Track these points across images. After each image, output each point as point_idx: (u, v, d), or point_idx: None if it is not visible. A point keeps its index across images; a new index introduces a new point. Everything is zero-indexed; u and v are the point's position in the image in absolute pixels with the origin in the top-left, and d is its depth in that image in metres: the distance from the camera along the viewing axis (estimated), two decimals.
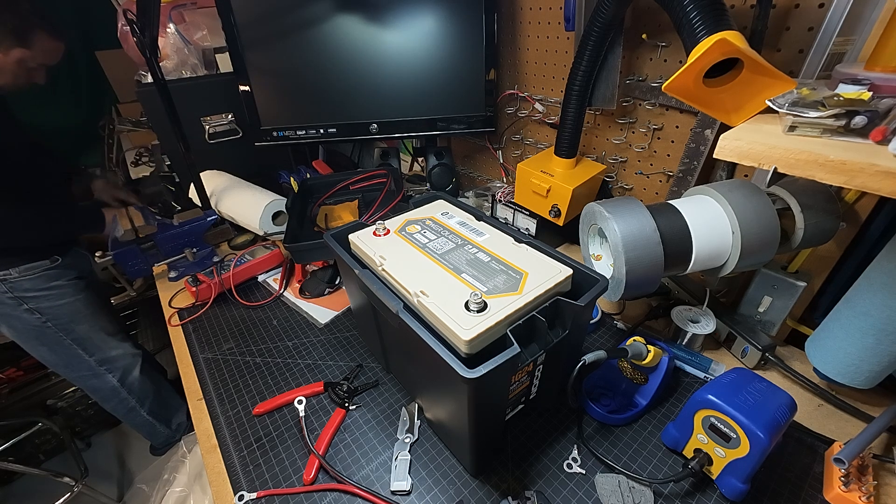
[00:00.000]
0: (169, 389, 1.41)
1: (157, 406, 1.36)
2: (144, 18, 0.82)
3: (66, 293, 1.09)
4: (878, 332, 0.51)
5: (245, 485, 0.56)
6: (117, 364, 1.23)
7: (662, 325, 0.77)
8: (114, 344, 1.22)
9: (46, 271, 1.05)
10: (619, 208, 0.55)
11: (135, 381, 1.27)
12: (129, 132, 2.11)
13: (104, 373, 1.21)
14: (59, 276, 1.08)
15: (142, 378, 1.28)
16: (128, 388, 1.27)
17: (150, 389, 1.32)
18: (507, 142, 1.13)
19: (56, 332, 1.10)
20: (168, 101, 0.92)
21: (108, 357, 1.21)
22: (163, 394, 1.38)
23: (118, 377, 1.24)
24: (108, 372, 1.22)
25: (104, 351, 1.20)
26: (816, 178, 0.38)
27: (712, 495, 0.52)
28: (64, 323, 1.10)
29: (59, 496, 1.34)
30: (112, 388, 1.24)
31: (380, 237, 0.61)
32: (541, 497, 0.52)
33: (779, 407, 0.47)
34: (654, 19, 0.71)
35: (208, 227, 0.98)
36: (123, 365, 1.24)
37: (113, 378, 1.23)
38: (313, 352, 0.77)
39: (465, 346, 0.43)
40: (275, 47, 0.99)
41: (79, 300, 1.12)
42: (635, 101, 0.80)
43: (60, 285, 1.08)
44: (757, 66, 0.45)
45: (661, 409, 0.63)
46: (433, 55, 0.97)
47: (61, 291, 1.08)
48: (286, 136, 1.08)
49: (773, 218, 0.53)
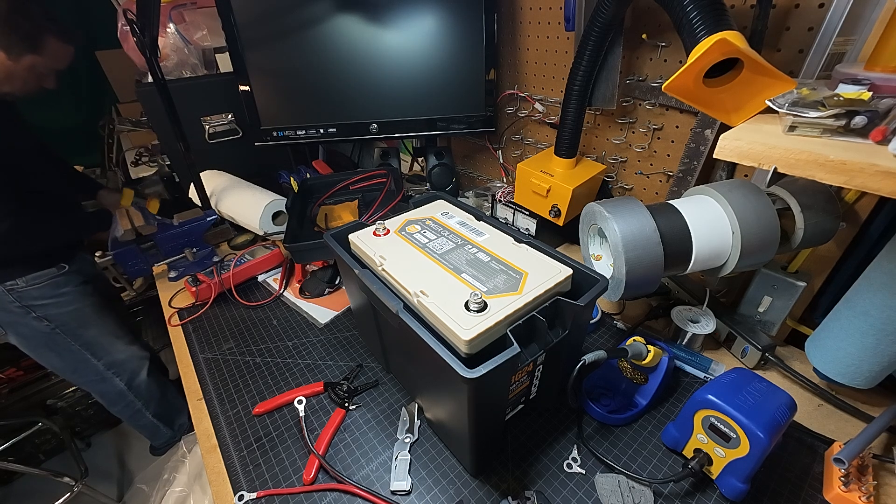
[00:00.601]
0: (173, 391, 1.41)
1: (161, 408, 1.36)
2: (144, 18, 0.82)
3: (74, 299, 1.09)
4: (878, 332, 0.51)
5: (245, 485, 0.56)
6: (125, 367, 1.23)
7: (662, 325, 0.77)
8: (121, 347, 1.22)
9: (54, 279, 1.04)
10: (619, 208, 0.55)
11: (142, 384, 1.27)
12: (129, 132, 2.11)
13: (112, 376, 1.21)
14: (67, 282, 1.07)
15: (148, 381, 1.29)
16: (135, 391, 1.27)
17: (155, 392, 1.32)
18: (507, 142, 1.13)
19: (65, 338, 1.10)
20: (168, 101, 0.92)
21: (116, 360, 1.21)
22: (168, 395, 1.38)
23: (125, 380, 1.24)
24: (116, 375, 1.22)
25: (112, 354, 1.20)
26: (816, 178, 0.38)
27: (712, 495, 0.52)
28: (73, 329, 1.10)
29: (59, 496, 1.34)
30: (119, 391, 1.24)
31: (380, 237, 0.61)
32: (541, 497, 0.52)
33: (779, 407, 0.47)
34: (654, 19, 0.71)
35: (208, 227, 0.98)
36: (131, 368, 1.24)
37: (120, 382, 1.23)
38: (313, 352, 0.77)
39: (465, 346, 0.43)
40: (275, 47, 0.99)
41: (86, 305, 1.12)
42: (635, 101, 0.80)
43: (68, 292, 1.08)
44: (757, 66, 0.45)
45: (661, 409, 0.63)
46: (433, 55, 0.97)
47: (69, 298, 1.08)
48: (286, 136, 1.08)
49: (773, 218, 0.53)
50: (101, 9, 1.92)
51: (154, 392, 1.32)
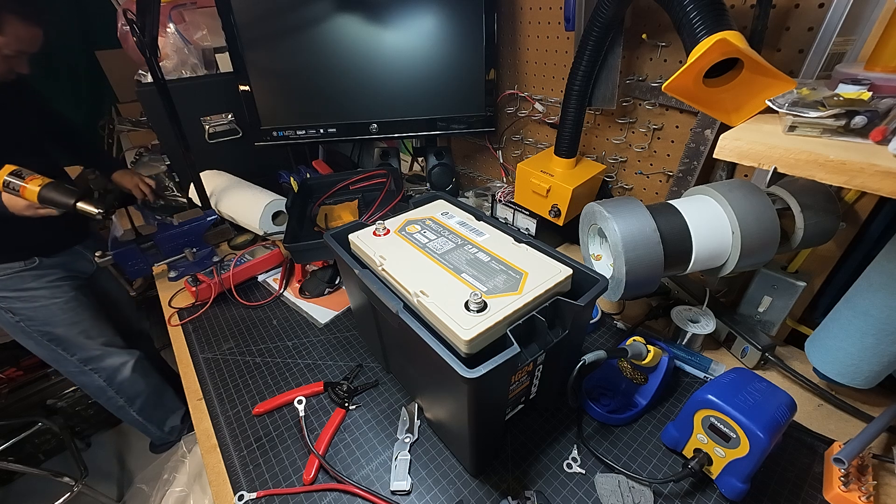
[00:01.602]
0: (168, 391, 1.39)
1: (148, 407, 1.34)
2: (144, 18, 0.82)
3: (41, 296, 1.07)
4: (877, 332, 0.51)
5: (245, 485, 0.56)
6: (102, 365, 1.21)
7: (662, 325, 0.77)
8: (94, 346, 1.19)
9: (19, 273, 1.03)
10: (619, 208, 0.55)
11: (124, 382, 1.25)
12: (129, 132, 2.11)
13: (90, 372, 1.20)
14: (37, 277, 1.06)
15: (133, 378, 1.26)
16: (115, 388, 1.25)
17: (141, 390, 1.30)
18: (507, 142, 1.13)
19: (32, 332, 1.09)
20: (168, 101, 0.92)
21: (91, 357, 1.19)
22: (159, 396, 1.36)
23: (104, 377, 1.22)
24: (94, 372, 1.21)
25: (86, 351, 1.18)
26: (816, 178, 0.38)
27: (712, 495, 0.52)
28: (38, 325, 1.09)
29: (59, 496, 1.34)
30: (99, 386, 1.23)
31: (380, 237, 0.61)
32: (541, 497, 0.52)
33: (778, 407, 0.47)
34: (654, 19, 0.71)
35: (208, 226, 0.98)
36: (109, 365, 1.22)
37: (99, 378, 1.22)
38: (313, 352, 0.77)
39: (465, 345, 0.43)
40: (275, 47, 0.99)
41: (55, 304, 1.10)
42: (635, 101, 0.80)
43: (35, 287, 1.06)
44: (757, 66, 0.45)
45: (660, 409, 0.63)
46: (433, 55, 0.97)
47: (35, 294, 1.06)
48: (286, 136, 1.08)
49: (773, 218, 0.53)
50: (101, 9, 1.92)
51: (139, 390, 1.29)
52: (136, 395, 1.30)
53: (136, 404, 1.31)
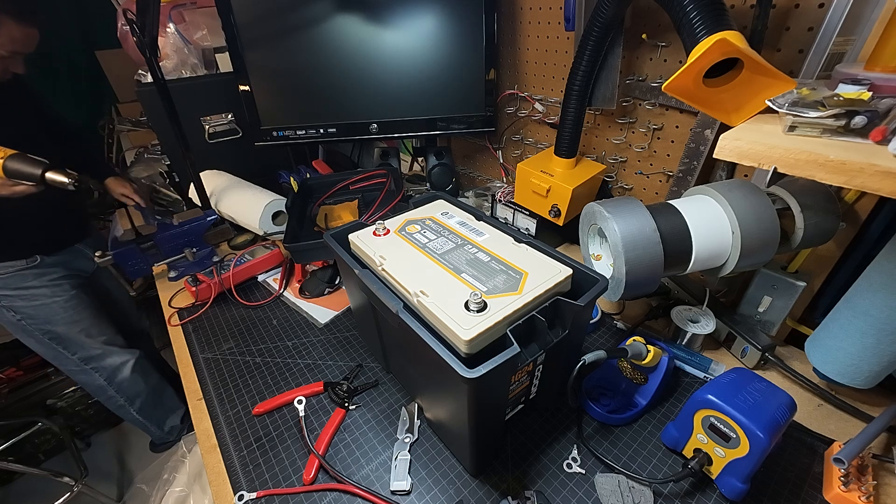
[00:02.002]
0: (168, 391, 1.40)
1: (148, 406, 1.34)
2: (144, 18, 0.82)
3: (42, 294, 1.07)
4: (877, 332, 0.51)
5: (245, 485, 0.56)
6: (102, 364, 1.22)
7: (662, 325, 0.77)
8: (95, 345, 1.19)
9: (21, 271, 1.03)
10: (619, 208, 0.55)
11: (124, 381, 1.26)
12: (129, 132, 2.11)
13: (90, 370, 1.21)
14: (38, 275, 1.06)
15: (133, 378, 1.27)
16: (115, 387, 1.26)
17: (141, 390, 1.30)
18: (507, 142, 1.13)
19: (33, 330, 1.09)
20: (168, 101, 0.92)
21: (92, 356, 1.19)
22: (159, 395, 1.37)
23: (104, 376, 1.23)
24: (94, 370, 1.21)
25: (87, 350, 1.18)
26: (816, 178, 0.38)
27: (712, 495, 0.52)
28: (39, 323, 1.10)
29: (59, 496, 1.34)
30: (99, 385, 1.24)
31: (380, 237, 0.61)
32: (540, 497, 0.52)
33: (778, 407, 0.47)
34: (654, 19, 0.71)
35: (208, 226, 0.98)
36: (110, 364, 1.23)
37: (99, 377, 1.22)
38: (313, 352, 0.77)
39: (465, 345, 0.43)
40: (275, 47, 0.99)
41: (56, 302, 1.10)
42: (635, 100, 0.80)
43: (36, 286, 1.06)
44: (757, 66, 0.45)
45: (660, 409, 0.63)
46: (433, 55, 0.97)
47: (36, 292, 1.06)
48: (286, 136, 1.08)
49: (773, 218, 0.53)
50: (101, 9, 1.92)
51: (140, 390, 1.30)
52: (135, 395, 1.30)
53: (135, 404, 1.31)
